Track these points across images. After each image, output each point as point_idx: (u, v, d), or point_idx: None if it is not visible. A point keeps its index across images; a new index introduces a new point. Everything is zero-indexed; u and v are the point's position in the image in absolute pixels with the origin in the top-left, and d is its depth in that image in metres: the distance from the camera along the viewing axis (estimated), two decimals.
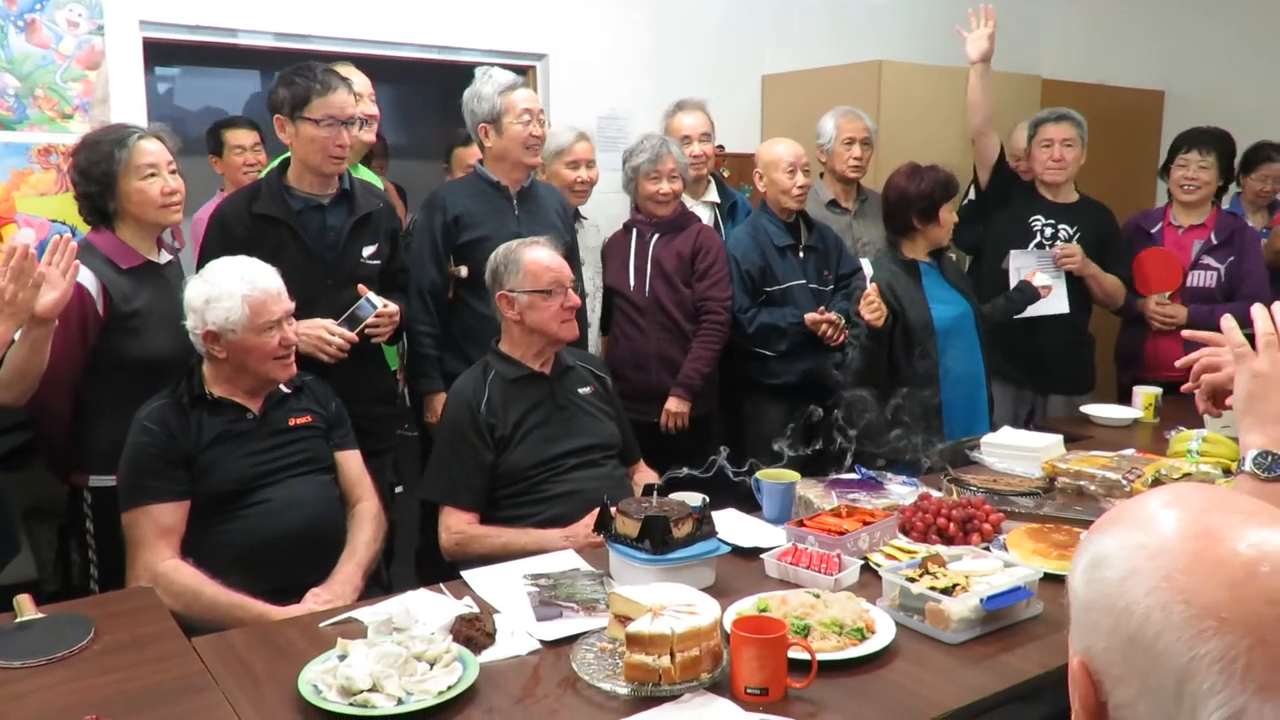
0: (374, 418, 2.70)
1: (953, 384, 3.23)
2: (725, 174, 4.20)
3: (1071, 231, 3.66)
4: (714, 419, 3.50)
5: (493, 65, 3.80)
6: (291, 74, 2.57)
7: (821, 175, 3.87)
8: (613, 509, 1.97)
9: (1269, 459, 1.26)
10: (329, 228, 2.64)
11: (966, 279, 3.45)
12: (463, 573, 2.00)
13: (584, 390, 2.56)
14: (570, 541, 2.20)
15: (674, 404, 3.28)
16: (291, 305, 2.25)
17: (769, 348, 3.38)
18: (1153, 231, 3.86)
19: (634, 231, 3.42)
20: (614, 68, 4.66)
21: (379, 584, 2.35)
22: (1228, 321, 1.42)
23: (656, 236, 3.37)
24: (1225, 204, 4.53)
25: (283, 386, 2.29)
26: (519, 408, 2.44)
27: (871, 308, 3.07)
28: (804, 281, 3.41)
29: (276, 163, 2.70)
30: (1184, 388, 1.66)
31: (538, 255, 2.49)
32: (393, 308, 2.66)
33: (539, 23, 4.46)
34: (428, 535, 2.64)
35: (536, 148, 2.97)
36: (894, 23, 5.44)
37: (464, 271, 2.95)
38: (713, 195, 3.83)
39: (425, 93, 6.33)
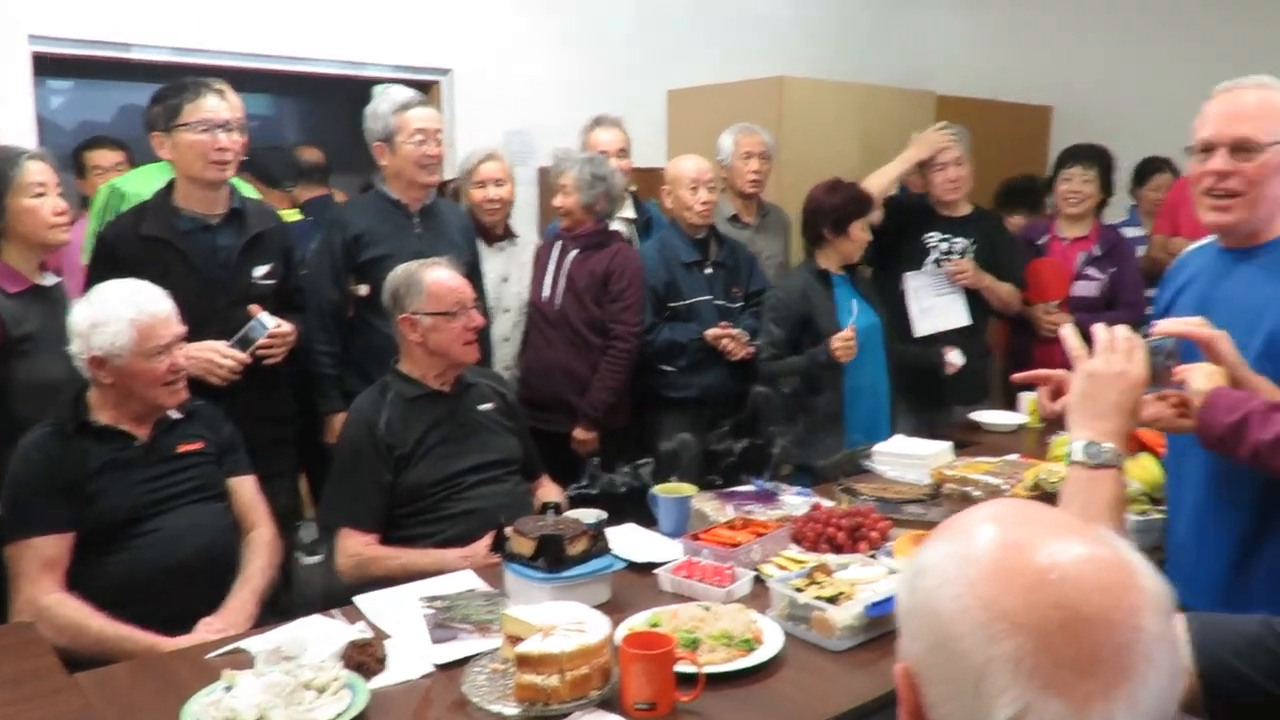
0: (270, 440, 2.66)
1: (856, 394, 3.32)
2: (633, 189, 4.25)
3: (966, 244, 3.78)
4: (629, 433, 3.54)
5: (397, 80, 3.83)
6: (160, 91, 2.56)
7: (723, 190, 3.93)
8: (508, 528, 1.98)
9: (1095, 448, 1.35)
10: (219, 248, 2.61)
11: (876, 294, 3.54)
12: (355, 598, 1.98)
13: (485, 406, 2.56)
14: (469, 561, 2.20)
15: (580, 433, 3.32)
16: (182, 329, 2.22)
17: (670, 363, 3.42)
18: (1040, 243, 4.01)
19: (557, 244, 3.44)
20: (520, 83, 4.68)
21: (275, 611, 2.32)
22: (1066, 330, 1.51)
23: (575, 252, 3.38)
24: (1124, 215, 4.75)
25: (172, 412, 2.24)
26: (419, 426, 2.43)
27: (847, 347, 3.16)
28: (710, 298, 3.45)
29: (164, 184, 2.65)
30: (1014, 377, 1.78)
31: (439, 276, 2.49)
32: (287, 328, 2.63)
33: (443, 38, 4.46)
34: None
35: (432, 167, 2.97)
36: (796, 40, 5.57)
37: (364, 290, 2.93)
38: (628, 212, 3.86)
39: (334, 108, 6.28)
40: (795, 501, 2.41)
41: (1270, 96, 1.72)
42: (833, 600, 1.78)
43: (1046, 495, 2.31)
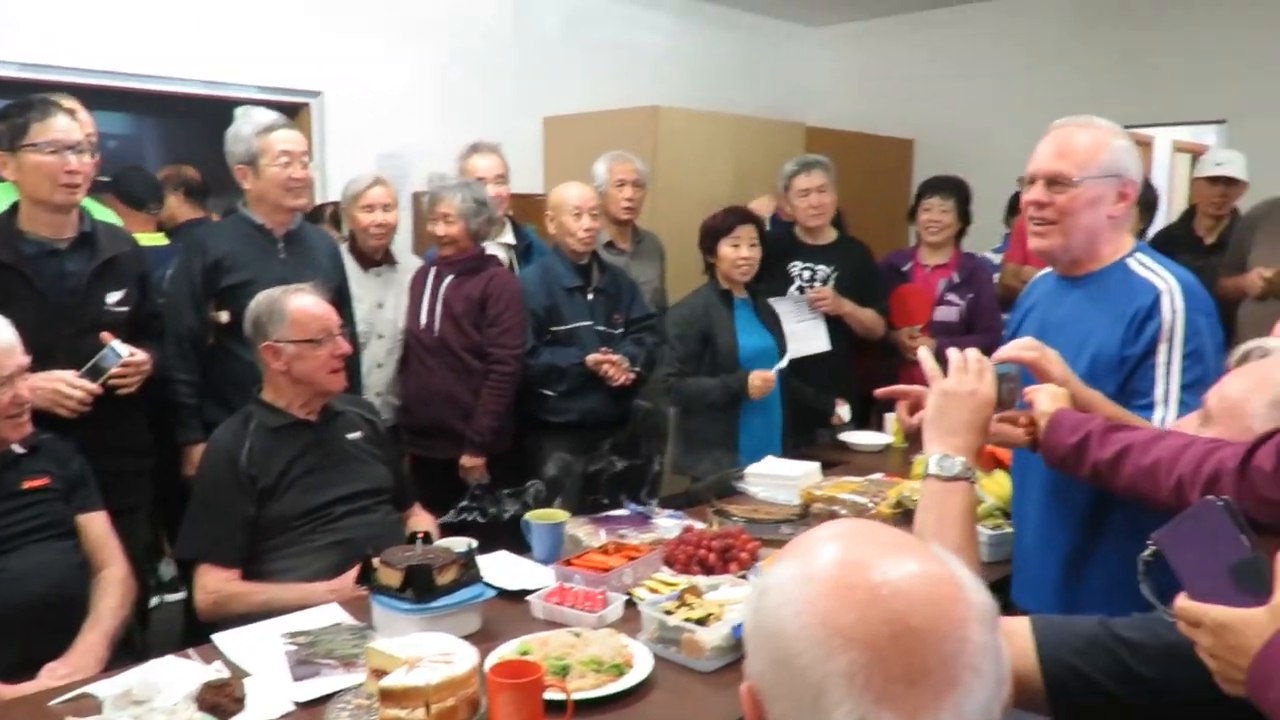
0: (125, 473, 2.54)
1: (749, 413, 3.41)
2: (510, 214, 4.24)
3: (829, 271, 3.90)
4: (512, 457, 3.52)
5: (265, 102, 3.73)
6: (4, 109, 2.44)
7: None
8: (375, 559, 1.94)
9: (948, 461, 1.42)
10: (68, 273, 2.48)
11: (778, 322, 3.63)
12: (214, 636, 1.91)
13: (353, 435, 2.51)
14: (335, 595, 2.14)
15: (467, 460, 3.29)
16: (25, 360, 2.10)
17: (550, 387, 3.42)
18: (904, 269, 4.17)
19: (432, 270, 3.41)
20: (394, 106, 4.63)
21: (129, 653, 2.21)
22: (923, 351, 1.59)
23: (451, 277, 3.36)
24: (999, 243, 4.97)
25: (15, 447, 2.12)
26: (283, 456, 2.36)
27: (764, 387, 3.31)
28: (591, 323, 3.46)
29: (9, 206, 2.52)
30: (877, 393, 1.88)
31: (303, 303, 2.43)
32: (141, 356, 2.52)
33: (313, 59, 4.38)
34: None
35: (298, 190, 2.90)
36: (671, 70, 5.67)
37: (225, 317, 2.84)
38: (508, 237, 3.85)
39: (197, 129, 6.07)
40: (668, 524, 2.43)
41: (1091, 137, 1.86)
42: (702, 622, 1.80)
43: (909, 512, 2.39)
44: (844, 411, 3.65)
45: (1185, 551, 1.07)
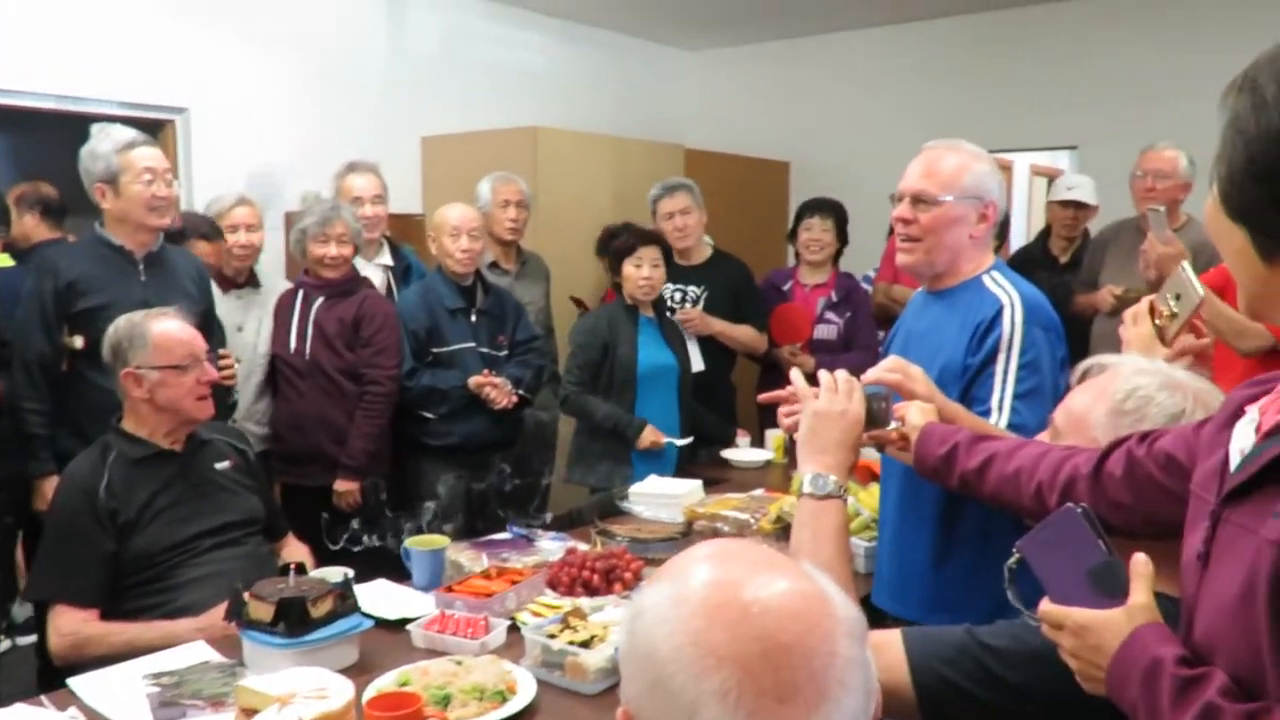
0: None
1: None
2: (387, 235, 4.17)
3: (699, 292, 3.95)
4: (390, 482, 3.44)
5: (127, 118, 3.57)
6: None
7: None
8: (245, 593, 1.87)
9: (821, 480, 1.46)
10: None
11: (682, 343, 3.65)
12: (70, 680, 1.80)
13: (222, 465, 2.41)
14: (202, 632, 2.05)
15: (341, 485, 3.21)
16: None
17: (431, 409, 3.36)
18: (784, 288, 4.27)
19: (300, 293, 3.31)
20: (265, 123, 4.49)
21: None
22: (794, 373, 1.64)
23: (321, 300, 3.28)
24: (877, 264, 5.09)
25: None
26: (146, 489, 2.25)
27: (653, 445, 3.36)
28: (473, 345, 3.41)
29: None
30: (760, 397, 1.93)
31: (167, 328, 2.32)
32: None
33: (179, 73, 4.22)
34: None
35: (162, 209, 2.78)
36: (550, 91, 5.68)
37: (79, 342, 2.70)
38: (386, 258, 3.78)
39: (50, 146, 5.77)
40: (551, 546, 2.41)
41: (956, 159, 1.96)
42: (586, 644, 1.79)
43: (789, 527, 2.42)
44: (742, 441, 3.72)
45: (1047, 558, 1.11)
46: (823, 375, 1.60)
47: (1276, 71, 0.86)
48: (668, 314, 3.68)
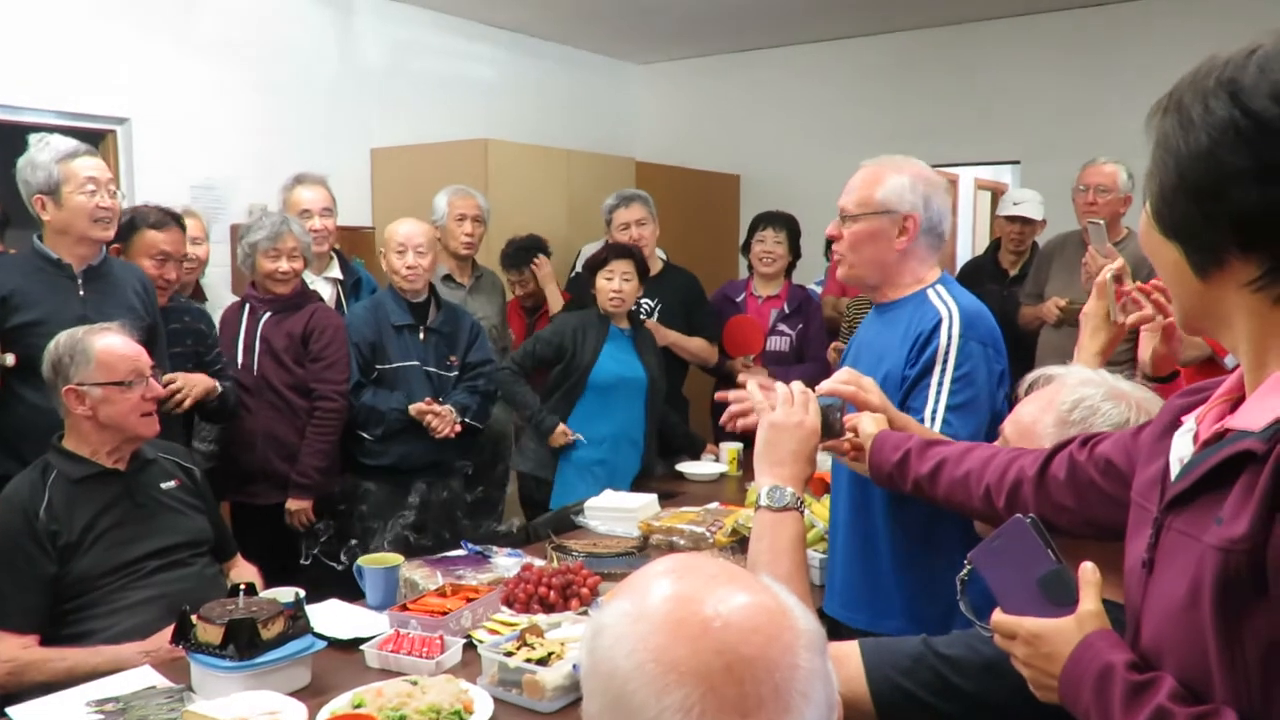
0: None
1: (600, 440, 3.45)
2: (336, 248, 4.12)
3: (653, 304, 3.96)
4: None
5: (66, 128, 3.49)
6: None
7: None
8: (193, 615, 1.82)
9: (778, 492, 1.46)
10: None
11: (658, 356, 3.66)
12: (9, 709, 1.74)
13: (167, 484, 2.36)
14: (148, 657, 2.00)
15: (294, 503, 3.16)
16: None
17: (367, 430, 3.29)
18: (737, 300, 4.30)
19: (246, 308, 3.25)
20: (209, 134, 4.42)
21: None
22: (751, 385, 1.65)
23: (268, 315, 3.22)
24: (820, 275, 5.14)
25: None
26: (88, 510, 2.19)
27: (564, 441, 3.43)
28: (418, 363, 3.34)
29: None
30: (718, 395, 1.94)
31: (110, 343, 2.27)
32: None
33: (120, 82, 4.13)
34: None
35: (106, 220, 2.71)
36: (501, 104, 5.66)
37: (10, 360, 2.61)
38: (335, 272, 3.73)
39: None
40: (506, 563, 2.39)
41: (869, 175, 2.00)
42: (543, 661, 1.77)
43: (745, 539, 2.43)
44: (709, 458, 3.72)
45: (998, 568, 1.12)
46: (779, 387, 1.61)
47: (1200, 92, 0.88)
48: (642, 326, 3.69)
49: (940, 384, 1.88)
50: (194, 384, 2.88)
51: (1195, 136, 0.87)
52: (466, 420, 3.32)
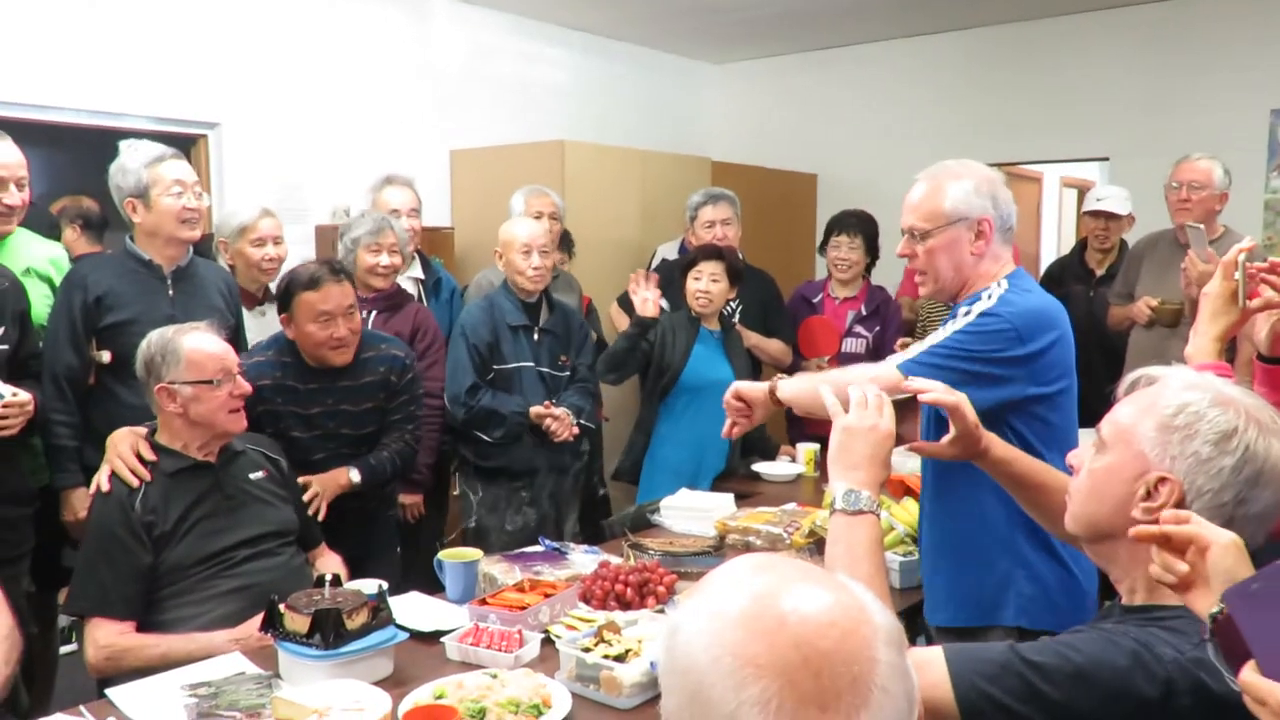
0: (5, 521, 2.40)
1: (686, 441, 3.47)
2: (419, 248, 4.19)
3: (734, 306, 3.94)
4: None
5: (158, 133, 3.61)
6: None
7: None
8: (281, 604, 1.87)
9: (853, 495, 1.45)
10: None
11: (745, 358, 3.68)
12: (108, 690, 1.81)
13: (255, 475, 2.42)
14: (238, 644, 2.05)
15: (406, 498, 3.25)
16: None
17: (487, 432, 3.29)
18: (814, 301, 4.26)
19: None
20: (294, 138, 4.53)
21: (15, 711, 2.08)
22: (823, 389, 1.63)
23: (374, 314, 3.28)
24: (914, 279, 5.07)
25: None
26: (182, 501, 2.26)
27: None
28: (533, 364, 3.33)
29: None
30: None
31: (199, 343, 2.33)
32: (24, 396, 2.39)
33: (210, 89, 4.27)
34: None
35: (193, 221, 2.79)
36: (577, 105, 5.70)
37: (106, 357, 2.71)
38: (417, 271, 3.79)
39: (84, 161, 5.84)
40: (583, 560, 2.40)
41: (930, 187, 1.98)
42: (621, 658, 1.77)
43: (822, 541, 2.40)
44: (785, 459, 3.69)
45: (1258, 617, 0.95)
46: (852, 391, 1.59)
47: None
48: (734, 329, 3.68)
49: (940, 337, 1.91)
50: (325, 485, 2.70)
51: None
52: (582, 422, 3.33)
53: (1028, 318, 1.90)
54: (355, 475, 2.74)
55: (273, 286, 3.54)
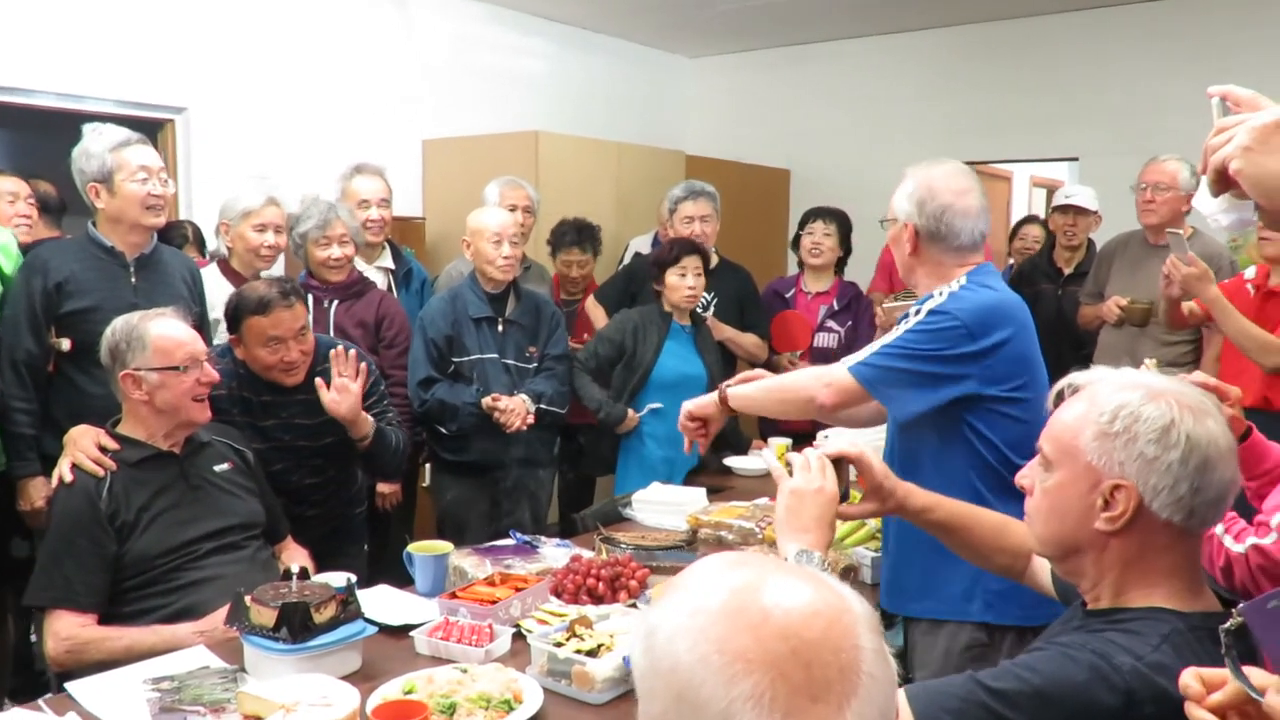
0: None
1: (657, 437, 3.45)
2: (389, 239, 4.15)
3: (709, 298, 3.94)
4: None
5: (124, 117, 3.54)
6: None
7: None
8: (247, 597, 1.84)
9: (804, 557, 1.43)
10: None
11: (717, 353, 3.66)
12: (68, 684, 1.77)
13: (221, 467, 2.38)
14: (203, 637, 2.02)
15: (385, 487, 3.25)
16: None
17: (442, 424, 3.26)
18: (787, 296, 4.26)
19: (310, 298, 3.23)
20: (263, 125, 4.47)
21: None
22: (767, 454, 1.62)
23: (336, 303, 3.25)
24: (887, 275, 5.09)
25: None
26: (145, 491, 2.22)
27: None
28: (496, 355, 3.28)
29: None
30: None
31: (166, 329, 2.29)
32: None
33: (178, 72, 4.20)
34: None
35: (158, 208, 2.74)
36: (551, 96, 5.67)
37: (66, 344, 2.66)
38: (387, 261, 3.75)
39: (46, 144, 5.73)
40: (555, 553, 2.38)
41: (906, 184, 2.05)
42: (593, 653, 1.76)
43: None
44: (756, 453, 3.67)
45: (1274, 633, 0.93)
46: (793, 456, 1.58)
47: None
48: (703, 323, 3.67)
49: (894, 335, 1.95)
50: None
51: None
52: (543, 406, 3.24)
53: (979, 314, 1.91)
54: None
55: (264, 275, 3.50)
